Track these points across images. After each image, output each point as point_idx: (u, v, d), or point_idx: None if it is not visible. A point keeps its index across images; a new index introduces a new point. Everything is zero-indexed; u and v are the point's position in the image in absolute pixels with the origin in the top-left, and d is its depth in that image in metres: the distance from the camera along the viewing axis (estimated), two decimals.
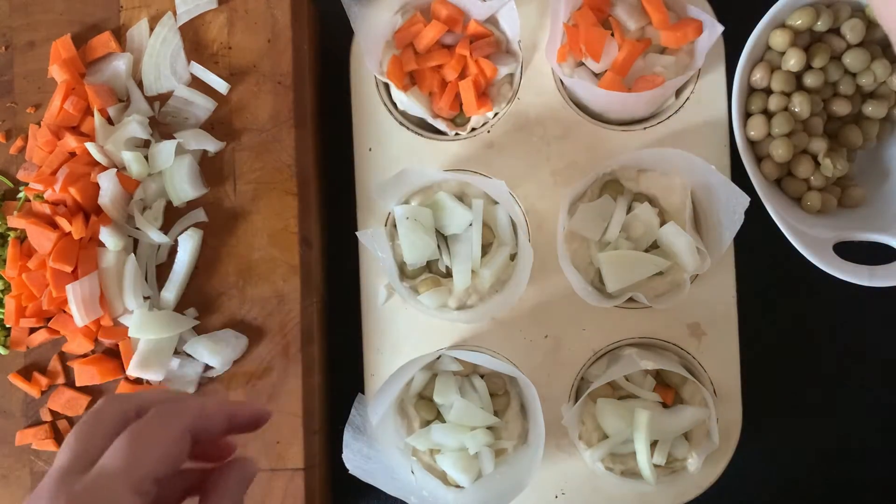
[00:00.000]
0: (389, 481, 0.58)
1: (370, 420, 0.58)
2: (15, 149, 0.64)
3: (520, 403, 0.62)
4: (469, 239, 0.60)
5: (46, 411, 0.62)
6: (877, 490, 0.67)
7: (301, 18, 0.64)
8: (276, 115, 0.62)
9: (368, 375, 0.64)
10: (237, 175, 0.62)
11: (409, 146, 0.64)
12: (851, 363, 0.67)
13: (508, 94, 0.63)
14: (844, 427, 0.67)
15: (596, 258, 0.61)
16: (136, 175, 0.61)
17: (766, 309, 0.66)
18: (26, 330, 0.62)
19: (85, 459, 0.39)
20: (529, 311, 0.63)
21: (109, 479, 0.38)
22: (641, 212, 0.60)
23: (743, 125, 0.61)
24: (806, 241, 0.59)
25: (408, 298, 0.60)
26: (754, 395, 0.62)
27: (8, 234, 0.62)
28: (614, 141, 0.63)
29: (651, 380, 0.61)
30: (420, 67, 0.62)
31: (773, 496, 0.67)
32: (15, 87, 0.64)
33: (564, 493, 0.62)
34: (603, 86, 0.59)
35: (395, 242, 0.61)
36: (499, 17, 0.63)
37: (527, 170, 0.63)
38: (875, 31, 0.61)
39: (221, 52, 0.63)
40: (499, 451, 0.60)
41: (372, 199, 0.62)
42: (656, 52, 0.61)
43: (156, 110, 0.63)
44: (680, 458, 0.60)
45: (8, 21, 0.64)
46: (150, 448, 0.39)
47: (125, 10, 0.64)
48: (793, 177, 0.62)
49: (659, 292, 0.61)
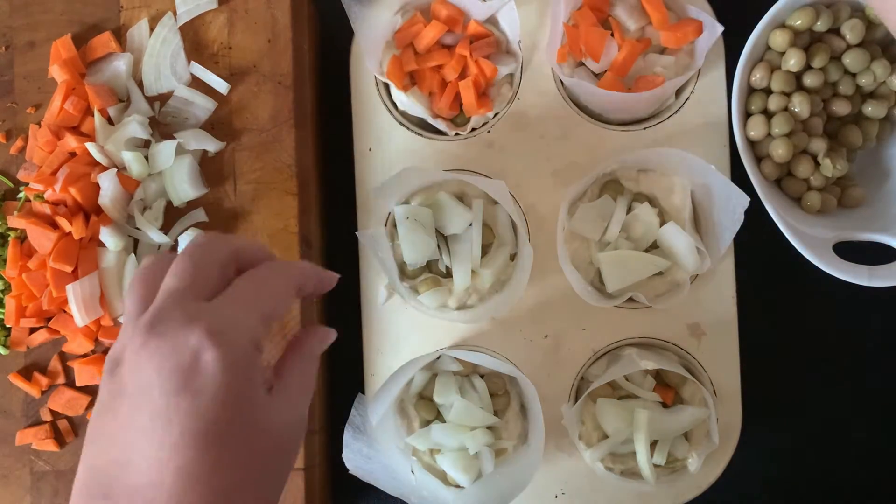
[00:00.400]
0: (389, 481, 0.58)
1: (370, 420, 0.58)
2: (15, 149, 0.64)
3: (520, 403, 0.62)
4: (469, 239, 0.60)
5: (47, 411, 0.62)
6: (877, 490, 0.67)
7: (301, 18, 0.64)
8: (276, 115, 0.62)
9: (368, 375, 0.64)
10: (237, 175, 0.62)
11: (409, 146, 0.64)
12: (851, 363, 0.67)
13: (508, 94, 0.63)
14: (844, 427, 0.67)
15: (596, 258, 0.61)
16: (136, 175, 0.61)
17: (766, 309, 0.66)
18: (26, 330, 0.63)
19: (201, 287, 0.41)
20: (529, 311, 0.63)
21: (242, 310, 0.41)
22: (641, 212, 0.60)
23: (743, 125, 0.61)
24: (806, 241, 0.59)
25: (408, 298, 0.60)
26: (754, 395, 0.62)
27: (8, 234, 0.62)
28: (614, 141, 0.63)
29: (651, 380, 0.61)
30: (420, 67, 0.62)
31: (773, 496, 0.67)
32: (15, 87, 0.64)
33: (564, 493, 0.62)
34: (603, 86, 0.59)
35: (395, 242, 0.61)
36: (499, 17, 0.63)
37: (527, 170, 0.63)
38: (875, 31, 0.61)
39: (221, 52, 0.63)
40: (499, 451, 0.60)
41: (372, 199, 0.62)
42: (656, 52, 0.61)
43: (156, 110, 0.63)
44: (680, 458, 0.60)
45: (8, 21, 0.64)
46: (273, 293, 0.42)
47: (125, 10, 0.64)
48: (793, 177, 0.62)
49: (659, 292, 0.61)
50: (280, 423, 0.41)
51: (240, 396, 0.39)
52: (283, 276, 0.44)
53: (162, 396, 0.37)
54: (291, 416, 0.43)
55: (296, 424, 0.43)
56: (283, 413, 0.42)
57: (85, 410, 0.62)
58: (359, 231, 0.63)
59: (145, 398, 0.38)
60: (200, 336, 0.38)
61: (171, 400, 0.37)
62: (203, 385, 0.38)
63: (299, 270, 0.45)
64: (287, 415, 0.42)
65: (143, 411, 0.38)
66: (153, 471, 0.37)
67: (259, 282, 0.43)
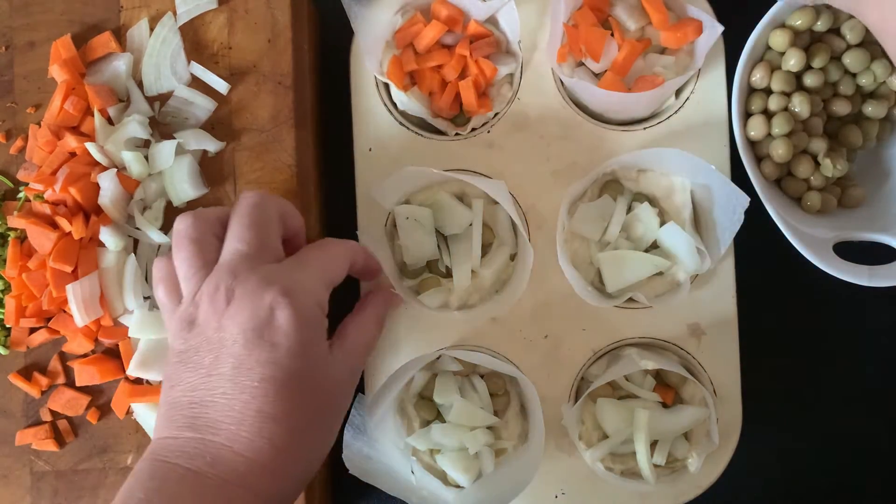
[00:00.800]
0: (389, 481, 0.58)
1: (370, 420, 0.58)
2: (15, 149, 0.64)
3: (520, 403, 0.62)
4: (469, 239, 0.60)
5: (46, 411, 0.62)
6: (877, 490, 0.67)
7: (301, 18, 0.64)
8: (276, 115, 0.62)
9: (368, 375, 0.64)
10: (237, 175, 0.62)
11: (409, 146, 0.64)
12: (851, 363, 0.67)
13: (508, 94, 0.63)
14: (844, 427, 0.67)
15: (596, 258, 0.61)
16: (136, 175, 0.61)
17: (766, 309, 0.66)
18: (26, 330, 0.63)
19: (265, 251, 0.47)
20: (529, 311, 0.63)
21: (309, 276, 0.47)
22: (641, 212, 0.60)
23: (743, 125, 0.61)
24: (806, 241, 0.59)
25: (408, 298, 0.60)
26: (754, 395, 0.62)
27: (8, 234, 0.62)
28: (614, 141, 0.63)
29: (651, 380, 0.61)
30: (420, 67, 0.62)
31: (774, 496, 0.67)
32: (15, 87, 0.64)
33: (564, 493, 0.62)
34: (603, 86, 0.59)
35: (395, 242, 0.61)
36: (499, 17, 0.63)
37: (527, 170, 0.63)
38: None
39: (221, 52, 0.63)
40: (499, 451, 0.60)
41: (372, 199, 0.62)
42: (656, 52, 0.61)
43: (156, 110, 0.63)
44: (680, 458, 0.60)
45: (8, 21, 0.64)
46: (334, 263, 0.49)
47: (125, 10, 0.64)
48: (793, 177, 0.62)
49: (659, 292, 0.61)
50: (334, 379, 0.48)
51: (308, 351, 0.45)
52: (342, 247, 0.51)
53: (244, 348, 0.44)
54: (343, 375, 0.49)
55: (346, 383, 0.50)
56: (337, 371, 0.48)
57: (85, 410, 0.62)
58: (359, 231, 0.63)
59: (228, 350, 0.44)
60: (276, 296, 0.44)
61: (253, 351, 0.44)
62: (278, 339, 0.44)
63: (352, 246, 0.52)
64: (340, 373, 0.48)
65: (226, 361, 0.44)
66: (235, 410, 0.43)
67: (323, 251, 0.49)
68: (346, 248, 0.51)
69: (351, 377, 0.50)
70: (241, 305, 0.44)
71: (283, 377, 0.44)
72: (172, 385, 0.46)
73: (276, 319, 0.44)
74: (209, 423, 0.44)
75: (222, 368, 0.44)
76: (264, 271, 0.45)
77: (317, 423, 0.46)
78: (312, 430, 0.46)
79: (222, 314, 0.44)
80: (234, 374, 0.43)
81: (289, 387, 0.44)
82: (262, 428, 0.44)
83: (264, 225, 0.48)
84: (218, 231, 0.50)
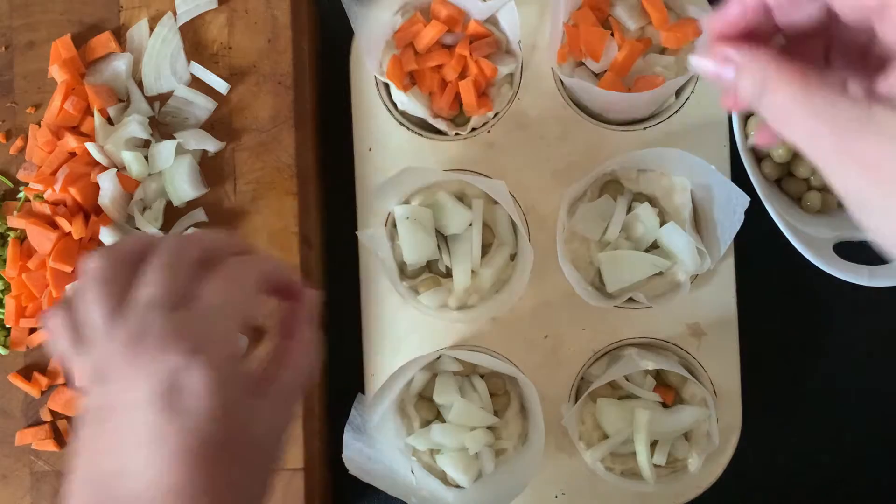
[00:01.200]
0: (389, 482, 0.58)
1: (370, 420, 0.58)
2: (15, 149, 0.64)
3: (520, 403, 0.62)
4: (469, 239, 0.60)
5: (46, 411, 0.62)
6: (877, 490, 0.67)
7: (301, 18, 0.64)
8: (276, 115, 0.62)
9: (368, 375, 0.64)
10: (237, 175, 0.62)
11: (409, 146, 0.64)
12: (851, 363, 0.67)
13: (508, 94, 0.63)
14: (844, 427, 0.67)
15: (596, 258, 0.61)
16: (136, 175, 0.61)
17: (766, 309, 0.66)
18: (26, 330, 0.62)
19: (176, 296, 0.41)
20: (529, 311, 0.63)
21: (220, 319, 0.41)
22: (641, 212, 0.60)
23: (743, 125, 0.61)
24: (806, 241, 0.59)
25: (408, 298, 0.60)
26: (754, 395, 0.62)
27: (8, 234, 0.62)
28: (614, 141, 0.63)
29: (651, 380, 0.61)
30: (420, 67, 0.62)
31: (774, 496, 0.67)
32: (15, 87, 0.64)
33: (564, 493, 0.62)
34: (603, 86, 0.59)
35: (395, 242, 0.61)
36: (499, 17, 0.63)
37: (527, 170, 0.63)
38: None
39: (221, 52, 0.63)
40: (499, 451, 0.60)
41: (372, 199, 0.62)
42: (656, 52, 0.61)
43: (156, 110, 0.63)
44: (680, 458, 0.60)
45: (8, 21, 0.64)
46: (244, 293, 0.43)
47: (125, 10, 0.64)
48: (793, 177, 0.62)
49: (659, 292, 0.61)
50: (262, 432, 0.42)
51: (227, 412, 0.40)
52: (247, 271, 0.43)
53: (158, 415, 0.39)
54: (274, 421, 0.43)
55: (278, 429, 0.44)
56: (266, 421, 0.43)
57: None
58: (359, 231, 0.63)
59: (138, 415, 0.39)
60: (184, 356, 0.39)
61: (162, 419, 0.39)
62: (191, 404, 0.39)
63: (260, 266, 0.44)
64: (269, 422, 0.43)
65: (136, 428, 0.39)
66: (151, 486, 0.39)
67: (228, 281, 0.42)
68: (253, 272, 0.43)
69: (284, 421, 0.45)
70: (146, 366, 0.39)
71: (198, 446, 0.39)
72: (83, 453, 0.41)
73: (186, 383, 0.39)
74: (126, 498, 0.39)
75: (133, 436, 0.39)
76: (171, 323, 0.40)
77: (243, 485, 0.42)
78: (238, 491, 0.42)
79: (126, 373, 0.40)
80: (147, 441, 0.39)
81: (206, 457, 0.39)
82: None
83: (177, 267, 0.42)
84: (134, 268, 0.44)
